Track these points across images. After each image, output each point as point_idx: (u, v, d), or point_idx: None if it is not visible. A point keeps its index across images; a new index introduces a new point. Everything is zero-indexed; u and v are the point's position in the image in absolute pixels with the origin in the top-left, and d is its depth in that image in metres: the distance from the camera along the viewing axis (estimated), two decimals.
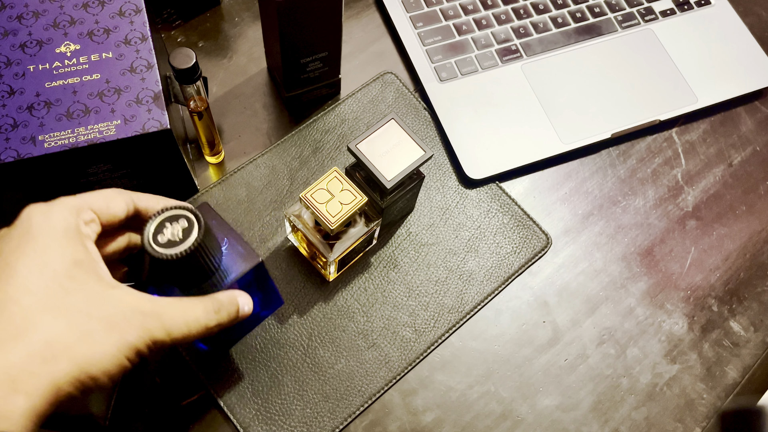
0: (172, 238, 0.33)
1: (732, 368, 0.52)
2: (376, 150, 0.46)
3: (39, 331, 0.29)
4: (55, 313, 0.30)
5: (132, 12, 0.47)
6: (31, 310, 0.29)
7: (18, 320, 0.29)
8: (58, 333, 0.29)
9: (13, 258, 0.30)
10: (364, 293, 0.52)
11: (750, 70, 0.64)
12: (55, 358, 0.29)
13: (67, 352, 0.29)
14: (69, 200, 0.33)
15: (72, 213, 0.33)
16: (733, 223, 0.58)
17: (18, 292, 0.29)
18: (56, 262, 0.31)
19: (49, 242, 0.31)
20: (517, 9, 0.65)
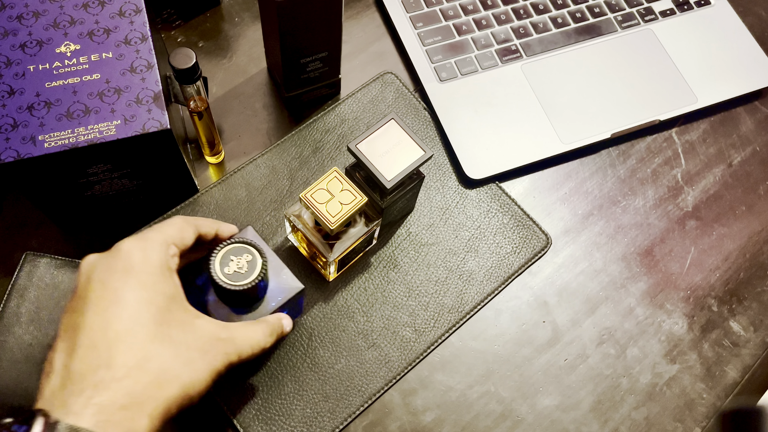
0: (238, 270, 0.39)
1: (732, 368, 0.52)
2: (376, 150, 0.46)
3: (154, 361, 0.33)
4: (163, 344, 0.33)
5: (132, 12, 0.47)
6: (145, 342, 0.33)
7: (137, 350, 0.32)
8: (168, 361, 0.33)
9: (121, 292, 0.33)
10: (364, 293, 0.52)
11: (750, 70, 0.64)
12: (168, 383, 0.33)
13: (176, 378, 0.33)
14: (157, 236, 0.37)
15: (163, 249, 0.36)
16: (732, 223, 0.58)
17: (132, 323, 0.33)
18: (158, 297, 0.34)
19: (151, 279, 0.34)
20: (516, 9, 0.65)
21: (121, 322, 0.33)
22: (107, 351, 0.32)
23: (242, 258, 0.39)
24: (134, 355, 0.32)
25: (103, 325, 0.32)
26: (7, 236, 0.52)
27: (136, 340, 0.33)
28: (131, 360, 0.32)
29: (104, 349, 0.32)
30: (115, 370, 0.32)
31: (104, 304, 0.33)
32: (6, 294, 0.46)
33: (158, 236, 0.37)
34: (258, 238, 0.44)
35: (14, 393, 0.43)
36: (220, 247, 0.39)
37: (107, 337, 0.32)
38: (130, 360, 0.32)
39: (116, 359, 0.32)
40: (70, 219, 0.51)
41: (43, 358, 0.43)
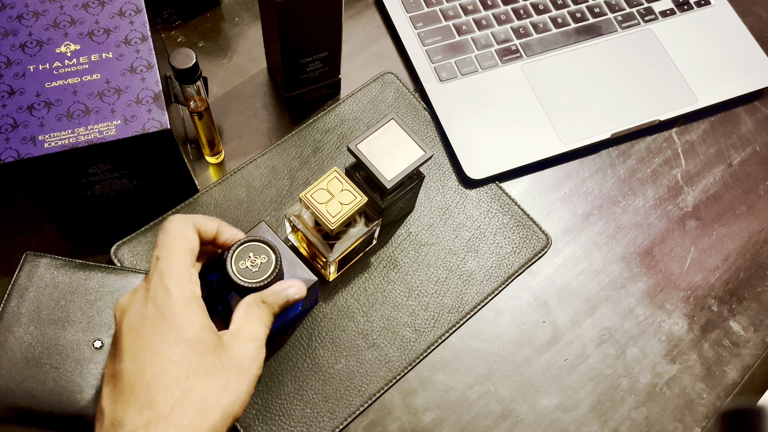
0: (253, 267, 0.40)
1: (732, 368, 0.52)
2: (376, 150, 0.46)
3: (194, 394, 0.34)
4: (199, 375, 0.35)
5: (132, 12, 0.47)
6: (181, 378, 0.34)
7: (175, 388, 0.34)
8: (207, 390, 0.35)
9: (150, 337, 0.35)
10: (364, 293, 0.52)
11: (750, 70, 0.64)
12: (211, 410, 0.34)
13: (218, 404, 0.35)
14: (176, 265, 0.37)
15: (185, 279, 0.37)
16: (732, 223, 0.58)
17: (165, 365, 0.34)
18: (187, 332, 0.36)
19: (177, 318, 0.36)
20: (516, 9, 0.65)
21: (154, 366, 0.34)
22: (147, 393, 0.34)
23: (257, 255, 0.40)
24: (173, 393, 0.34)
25: (139, 371, 0.34)
26: (7, 236, 0.52)
27: (172, 378, 0.34)
28: (172, 398, 0.34)
29: (144, 392, 0.34)
30: (160, 409, 0.33)
31: (137, 350, 0.35)
32: (6, 294, 0.46)
33: (176, 264, 0.37)
34: (271, 233, 0.45)
35: (14, 393, 0.43)
36: (235, 246, 0.40)
37: (144, 380, 0.34)
38: (170, 398, 0.34)
39: (157, 399, 0.33)
40: (70, 219, 0.51)
41: (42, 359, 0.43)
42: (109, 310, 0.46)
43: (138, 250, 0.51)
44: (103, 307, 0.46)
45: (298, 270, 0.45)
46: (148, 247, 0.52)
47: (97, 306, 0.46)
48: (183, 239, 0.38)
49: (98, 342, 0.45)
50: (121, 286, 0.47)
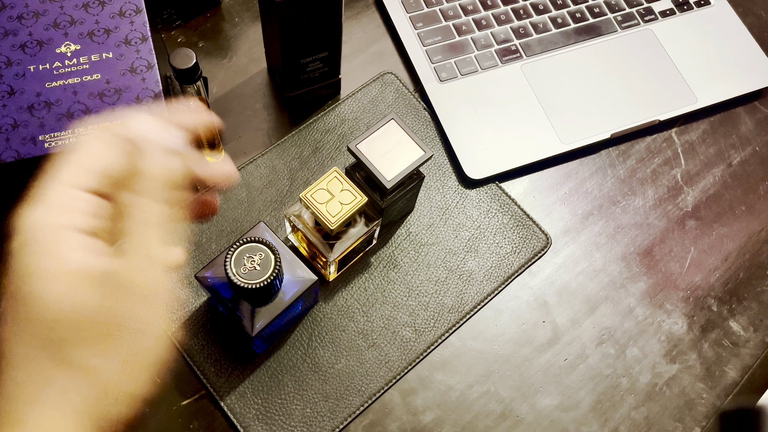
0: (253, 268, 0.40)
1: (731, 368, 0.52)
2: (376, 150, 0.46)
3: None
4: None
5: (132, 12, 0.47)
6: None
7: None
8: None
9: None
10: (364, 293, 0.52)
11: (749, 71, 0.64)
12: None
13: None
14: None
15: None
16: (732, 223, 0.58)
17: None
18: None
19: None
20: (516, 9, 0.65)
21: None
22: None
23: (256, 256, 0.41)
24: None
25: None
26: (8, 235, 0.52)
27: None
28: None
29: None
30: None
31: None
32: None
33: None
34: (270, 233, 0.45)
35: None
36: (234, 247, 0.40)
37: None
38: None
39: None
40: None
41: None
42: None
43: None
44: None
45: (298, 269, 0.45)
46: None
47: None
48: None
49: None
50: None
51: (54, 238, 0.28)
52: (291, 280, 0.44)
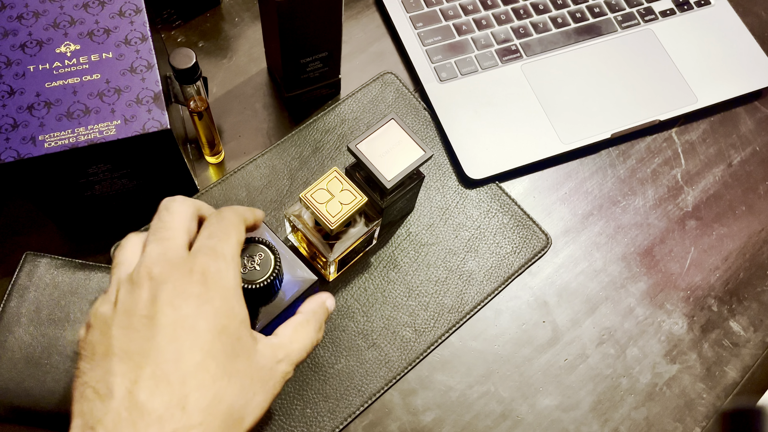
0: (251, 268, 0.38)
1: (732, 368, 0.52)
2: (376, 150, 0.46)
3: (223, 402, 0.31)
4: (230, 380, 0.31)
5: (132, 12, 0.47)
6: (216, 378, 0.31)
7: (208, 389, 0.30)
8: (234, 400, 0.31)
9: (193, 320, 0.31)
10: (364, 293, 0.52)
11: (750, 70, 0.64)
12: (235, 424, 0.31)
13: (241, 418, 0.31)
14: (231, 250, 0.34)
15: (238, 267, 0.34)
16: (732, 223, 0.58)
17: (204, 356, 0.30)
18: (231, 325, 0.32)
19: (226, 305, 0.32)
20: (517, 9, 0.65)
21: (194, 355, 0.30)
22: (181, 388, 0.29)
23: (256, 256, 0.40)
24: (206, 395, 0.30)
25: (176, 356, 0.30)
26: (7, 236, 0.52)
27: (208, 376, 0.30)
28: (204, 400, 0.30)
29: (178, 385, 0.29)
30: (190, 415, 0.29)
31: (177, 332, 0.30)
32: (6, 294, 0.46)
33: (230, 250, 0.33)
34: (270, 233, 0.45)
35: (14, 393, 0.43)
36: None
37: (180, 370, 0.30)
38: (202, 401, 0.30)
39: (190, 400, 0.29)
40: (70, 219, 0.51)
41: (42, 359, 0.43)
42: None
43: None
44: None
45: (298, 270, 0.44)
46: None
47: None
48: (238, 230, 0.35)
49: None
50: None
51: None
52: (291, 280, 0.44)
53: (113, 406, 0.28)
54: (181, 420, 0.29)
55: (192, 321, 0.31)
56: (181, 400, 0.29)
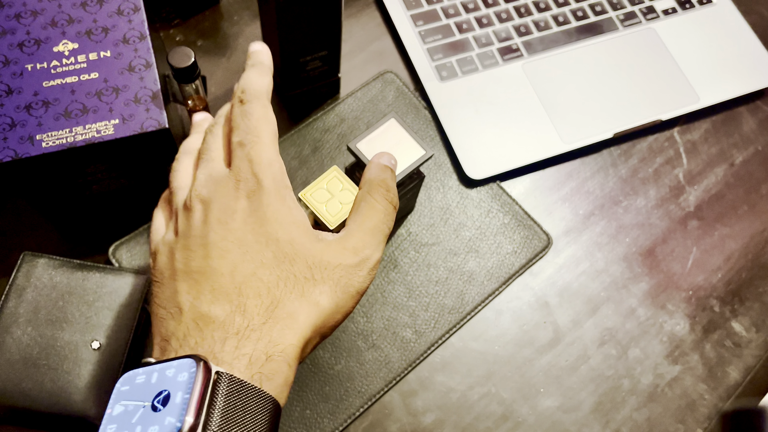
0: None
1: (734, 369, 0.52)
2: (376, 149, 0.46)
3: (282, 306, 0.31)
4: (288, 284, 0.32)
5: (130, 11, 0.47)
6: (272, 284, 0.32)
7: (265, 295, 0.31)
8: (295, 304, 0.32)
9: (242, 233, 0.32)
10: (364, 294, 0.52)
11: (752, 70, 0.63)
12: (299, 327, 0.31)
13: (306, 320, 0.32)
14: (268, 148, 0.34)
15: (277, 169, 0.34)
16: (735, 223, 0.58)
17: (257, 267, 0.32)
18: (279, 231, 0.33)
19: (270, 211, 0.33)
20: (518, 7, 0.64)
21: (246, 266, 0.32)
22: (238, 297, 0.31)
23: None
24: (263, 301, 0.31)
25: (230, 270, 0.31)
26: (5, 236, 0.52)
27: (263, 283, 0.31)
28: (262, 306, 0.31)
29: (235, 294, 0.31)
30: (251, 317, 0.31)
31: (227, 247, 0.32)
32: (4, 294, 0.45)
33: (268, 154, 0.34)
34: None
35: (11, 394, 0.42)
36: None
37: (235, 281, 0.31)
38: (261, 306, 0.31)
39: (249, 306, 0.31)
40: (68, 219, 0.51)
41: (40, 359, 0.43)
42: (107, 310, 0.46)
43: (136, 250, 0.51)
44: (101, 307, 0.46)
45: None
46: (147, 247, 0.51)
47: (95, 306, 0.45)
48: (268, 122, 0.35)
49: (96, 342, 0.44)
50: (119, 287, 0.47)
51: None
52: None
53: (182, 320, 0.31)
54: (243, 322, 0.30)
55: (240, 234, 0.32)
56: (239, 307, 0.31)
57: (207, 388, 0.27)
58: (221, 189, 0.34)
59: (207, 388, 0.27)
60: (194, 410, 0.27)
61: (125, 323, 0.46)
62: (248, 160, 0.34)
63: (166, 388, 0.28)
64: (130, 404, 0.28)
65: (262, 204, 0.33)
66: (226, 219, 0.33)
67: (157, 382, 0.28)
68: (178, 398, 0.27)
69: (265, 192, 0.33)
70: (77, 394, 0.43)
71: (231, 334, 0.30)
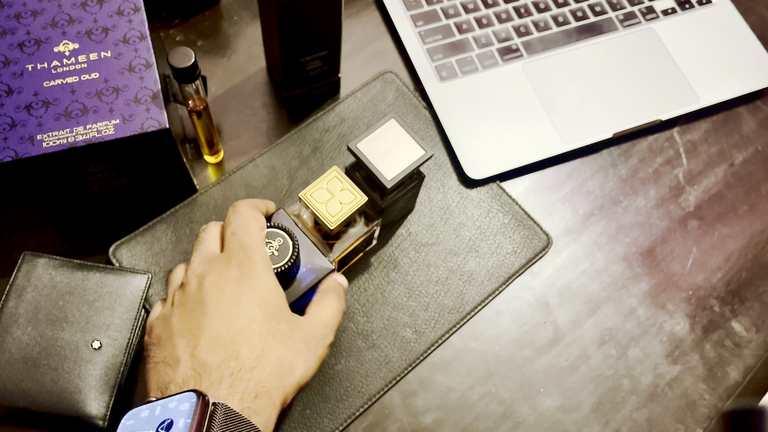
0: (270, 254, 0.41)
1: (733, 369, 0.52)
2: (376, 149, 0.46)
3: (272, 353, 0.36)
4: (275, 338, 0.37)
5: (130, 11, 0.47)
6: (262, 336, 0.36)
7: (257, 344, 0.36)
8: (282, 353, 0.37)
9: (236, 296, 0.37)
10: (364, 293, 0.52)
11: (752, 70, 0.63)
12: (286, 373, 0.36)
13: (291, 368, 0.37)
14: (255, 241, 0.40)
15: (264, 252, 0.40)
16: (734, 223, 0.58)
17: (249, 322, 0.36)
18: (269, 297, 0.38)
19: (260, 282, 0.38)
20: (518, 8, 0.64)
21: (239, 321, 0.36)
22: (232, 345, 0.35)
23: (274, 241, 0.41)
24: (255, 348, 0.35)
25: (225, 324, 0.36)
26: (6, 236, 0.52)
27: (254, 335, 0.36)
28: (254, 353, 0.35)
29: (229, 344, 0.35)
30: (243, 361, 0.35)
31: (223, 307, 0.37)
32: (4, 294, 0.45)
33: (252, 238, 0.40)
34: (289, 221, 0.45)
35: (12, 394, 0.42)
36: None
37: (229, 333, 0.36)
38: (253, 353, 0.35)
39: (242, 352, 0.35)
40: (68, 219, 0.51)
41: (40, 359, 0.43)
42: (107, 310, 0.46)
43: (136, 251, 0.51)
44: (101, 307, 0.46)
45: (316, 258, 0.44)
46: (147, 247, 0.51)
47: (95, 306, 0.45)
48: (256, 219, 0.41)
49: (96, 342, 0.44)
50: (119, 287, 0.47)
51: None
52: (308, 267, 0.44)
53: (180, 368, 0.35)
54: (237, 366, 0.35)
55: (235, 297, 0.37)
56: (234, 354, 0.35)
57: (205, 415, 0.31)
58: (215, 265, 0.39)
59: (205, 415, 0.31)
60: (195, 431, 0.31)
61: (126, 323, 0.46)
62: (239, 244, 0.39)
63: (169, 417, 0.32)
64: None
65: (253, 275, 0.38)
66: (220, 286, 0.37)
67: (161, 413, 0.32)
68: (181, 423, 0.31)
69: (255, 266, 0.38)
70: (78, 394, 0.43)
71: (226, 375, 0.34)
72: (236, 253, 0.39)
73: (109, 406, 0.43)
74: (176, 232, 0.52)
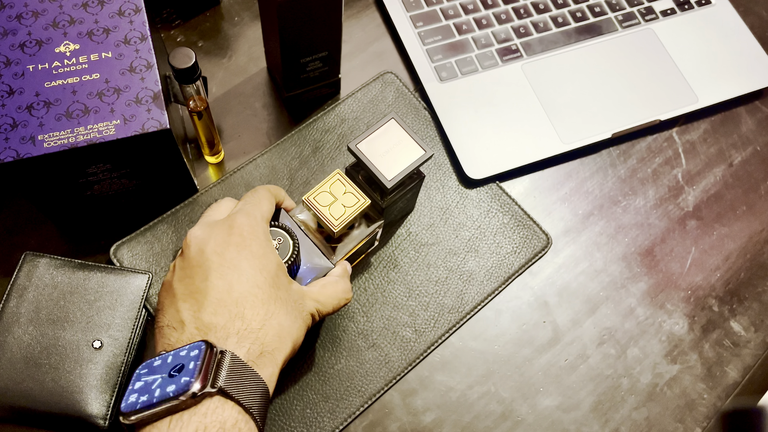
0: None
1: (732, 368, 0.52)
2: (376, 150, 0.46)
3: (275, 317, 0.37)
4: (277, 303, 0.38)
5: (131, 11, 0.47)
6: (265, 301, 0.37)
7: (260, 308, 0.37)
8: (282, 318, 0.37)
9: (237, 261, 0.38)
10: (364, 293, 0.52)
11: (750, 70, 0.64)
12: (286, 336, 0.37)
13: (289, 333, 0.38)
14: (259, 213, 0.41)
15: (266, 224, 0.41)
16: (733, 223, 0.58)
17: (251, 286, 0.37)
18: (268, 265, 0.39)
19: (261, 250, 0.39)
20: (517, 8, 0.65)
21: (242, 285, 0.37)
22: (236, 307, 0.36)
23: (275, 240, 0.42)
24: (259, 311, 0.36)
25: (227, 287, 0.37)
26: (7, 236, 0.52)
27: (257, 299, 0.37)
28: (258, 315, 0.36)
29: (233, 306, 0.36)
30: (249, 322, 0.36)
31: (225, 271, 0.37)
32: (5, 294, 0.45)
33: (260, 213, 0.41)
34: (289, 219, 0.46)
35: (13, 393, 0.43)
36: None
37: (233, 296, 0.36)
38: (257, 315, 0.36)
39: (246, 314, 0.36)
40: (69, 219, 0.51)
41: (41, 359, 0.43)
42: (108, 310, 0.46)
43: (137, 250, 0.51)
44: (102, 307, 0.46)
45: (316, 258, 0.44)
46: (148, 247, 0.52)
47: (96, 306, 0.46)
48: (269, 200, 0.43)
49: (97, 342, 0.45)
50: (120, 286, 0.47)
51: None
52: (308, 267, 0.44)
53: (185, 330, 0.36)
54: (243, 325, 0.36)
55: (236, 262, 0.38)
56: (238, 314, 0.36)
57: (213, 359, 0.33)
58: (216, 229, 0.39)
59: (213, 359, 0.33)
60: (203, 372, 0.33)
61: (126, 323, 0.46)
62: (246, 213, 0.40)
63: (180, 362, 0.34)
64: (149, 378, 0.34)
65: (255, 242, 0.39)
66: (221, 250, 0.38)
67: (172, 361, 0.34)
68: (191, 365, 0.33)
69: (257, 236, 0.39)
70: (79, 394, 0.43)
71: (232, 333, 0.35)
72: (240, 219, 0.39)
73: (109, 406, 0.43)
74: (177, 232, 0.52)
